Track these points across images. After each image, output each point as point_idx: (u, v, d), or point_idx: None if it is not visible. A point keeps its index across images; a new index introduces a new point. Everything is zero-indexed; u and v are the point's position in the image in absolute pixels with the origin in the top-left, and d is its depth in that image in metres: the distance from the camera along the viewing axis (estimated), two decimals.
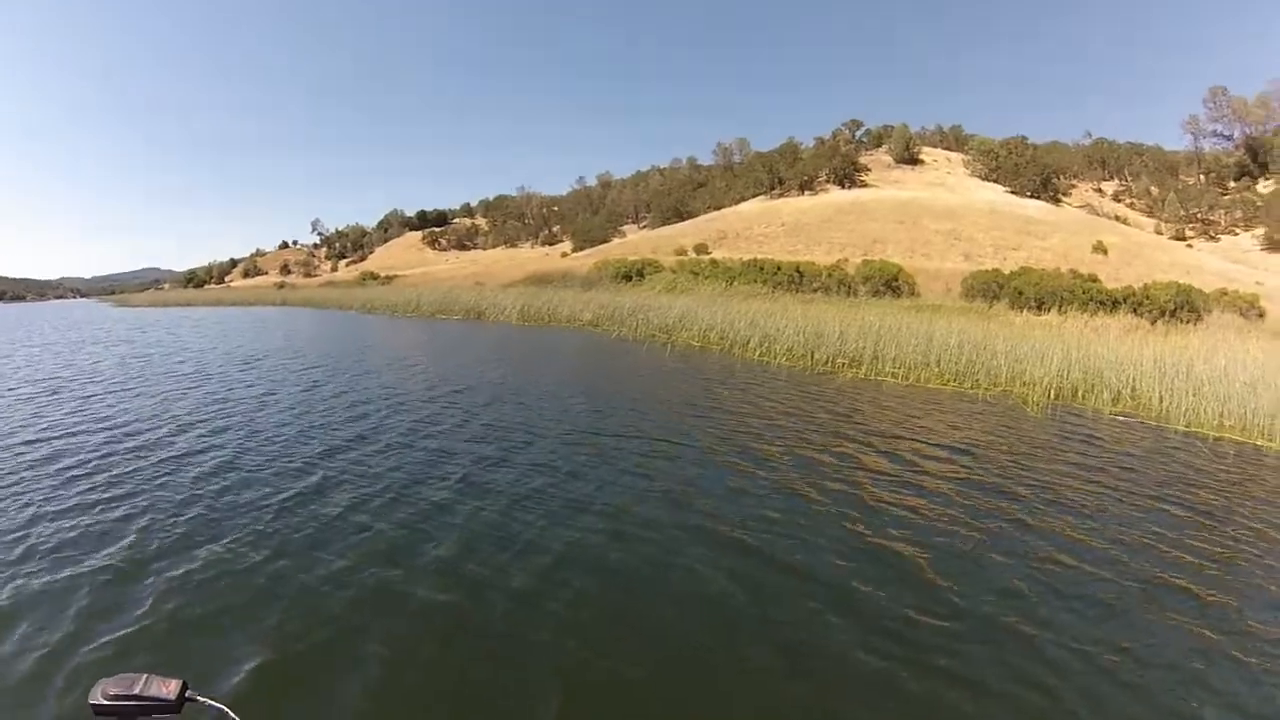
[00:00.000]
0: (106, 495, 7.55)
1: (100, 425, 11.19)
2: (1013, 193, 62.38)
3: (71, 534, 6.31)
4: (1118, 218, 62.12)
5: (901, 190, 60.40)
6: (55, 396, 14.08)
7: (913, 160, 77.49)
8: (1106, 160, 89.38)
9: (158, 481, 8.04)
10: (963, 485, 7.69)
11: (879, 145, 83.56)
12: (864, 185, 67.23)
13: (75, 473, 8.37)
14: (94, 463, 8.91)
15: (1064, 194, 73.35)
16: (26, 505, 7.23)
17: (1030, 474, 8.19)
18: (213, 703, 1.51)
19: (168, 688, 1.45)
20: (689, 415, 11.18)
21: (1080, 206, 66.92)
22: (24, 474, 8.45)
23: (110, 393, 14.31)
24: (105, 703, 1.43)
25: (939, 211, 49.45)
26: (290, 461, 8.86)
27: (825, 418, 11.10)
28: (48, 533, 6.38)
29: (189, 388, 14.79)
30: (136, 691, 1.43)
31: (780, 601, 5.11)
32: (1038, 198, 62.12)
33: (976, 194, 59.03)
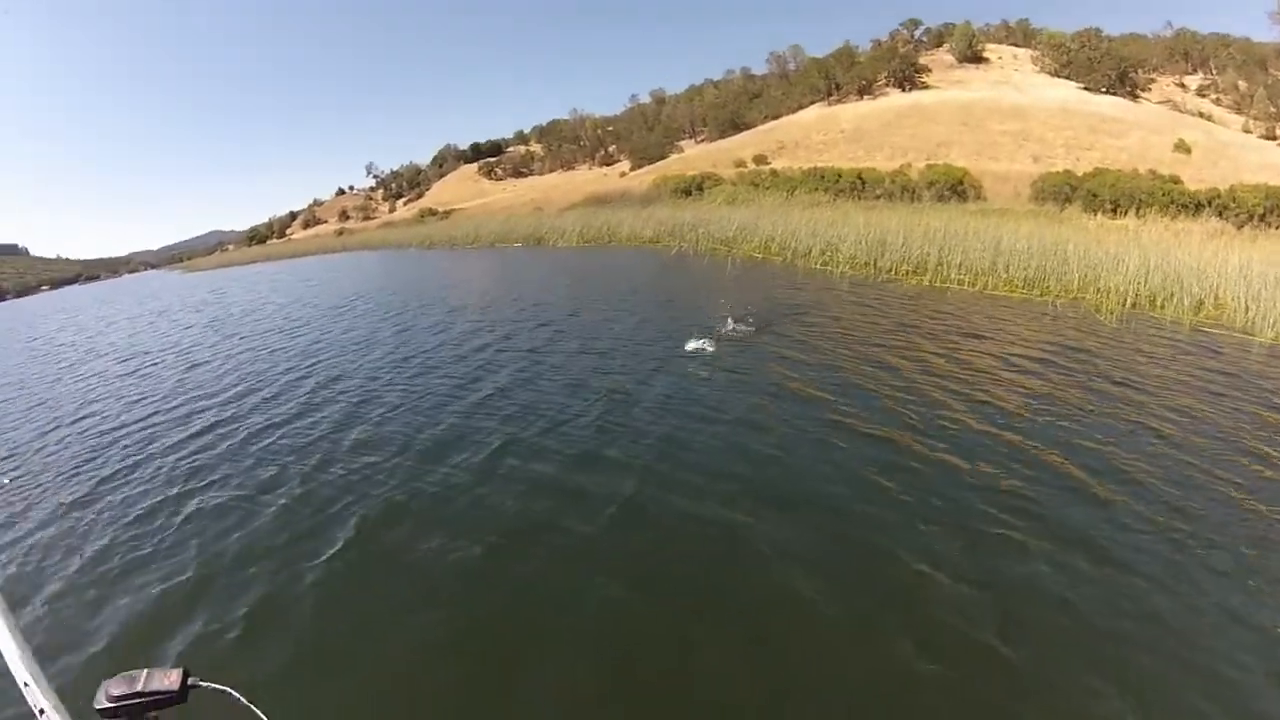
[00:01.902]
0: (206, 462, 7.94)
1: (211, 391, 11.62)
2: (1086, 89, 58.24)
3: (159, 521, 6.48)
4: (1202, 114, 57.91)
5: (965, 91, 56.91)
6: (156, 366, 14.81)
7: (976, 59, 72.27)
8: (1190, 53, 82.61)
9: (249, 445, 8.37)
10: (1030, 393, 7.55)
11: (940, 45, 78.00)
12: (925, 87, 63.44)
13: (188, 446, 8.64)
14: (206, 428, 9.29)
15: (1142, 89, 68.24)
16: (152, 480, 7.55)
17: (1102, 383, 7.94)
18: (216, 686, 1.50)
19: (169, 679, 1.43)
20: (756, 329, 11.10)
21: (1160, 103, 62.57)
22: (141, 447, 8.84)
23: (204, 361, 14.72)
24: (109, 705, 1.41)
25: (1005, 111, 46.75)
26: (367, 404, 9.31)
27: (890, 325, 10.95)
28: (187, 508, 6.64)
29: (274, 346, 15.26)
30: (139, 688, 1.41)
31: (864, 502, 5.31)
32: (1113, 94, 58.08)
33: (1046, 92, 55.46)
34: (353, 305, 20.21)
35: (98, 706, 1.40)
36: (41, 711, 1.26)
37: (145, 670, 1.43)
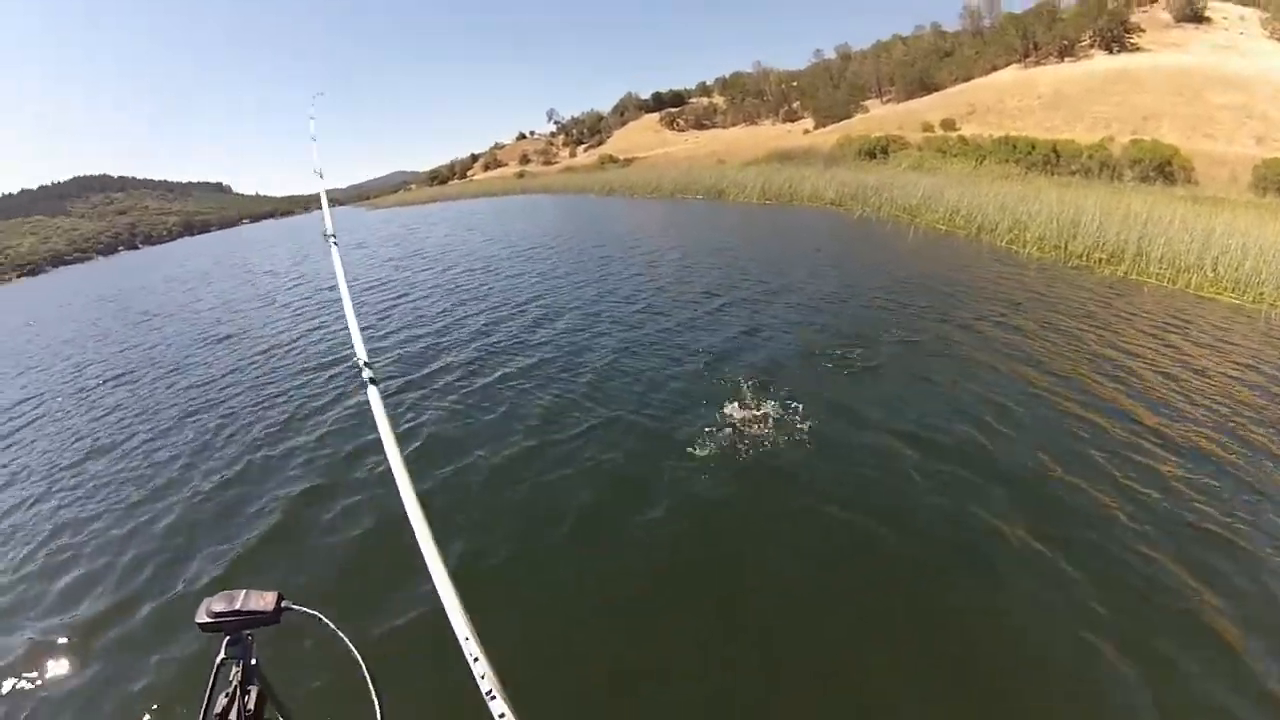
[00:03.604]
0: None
1: (421, 325, 12.58)
2: None
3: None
4: None
5: (1181, 55, 49.78)
6: (365, 295, 16.24)
7: (1197, 18, 61.53)
8: None
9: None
10: (1226, 425, 6.40)
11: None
12: (1136, 49, 56.12)
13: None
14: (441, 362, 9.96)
15: None
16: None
17: None
18: (308, 611, 1.56)
19: (265, 600, 1.49)
20: (929, 311, 10.63)
21: None
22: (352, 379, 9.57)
23: (409, 295, 16.00)
24: (209, 620, 1.46)
25: (1227, 81, 40.67)
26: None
27: (1094, 315, 10.10)
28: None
29: (481, 282, 16.49)
30: (237, 606, 1.47)
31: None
32: None
33: (1277, 60, 48.20)
34: (548, 246, 21.62)
35: (199, 621, 1.47)
36: (476, 659, 1.30)
37: (244, 591, 1.50)
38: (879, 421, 6.55)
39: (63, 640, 4.72)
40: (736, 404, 6.87)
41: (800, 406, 6.77)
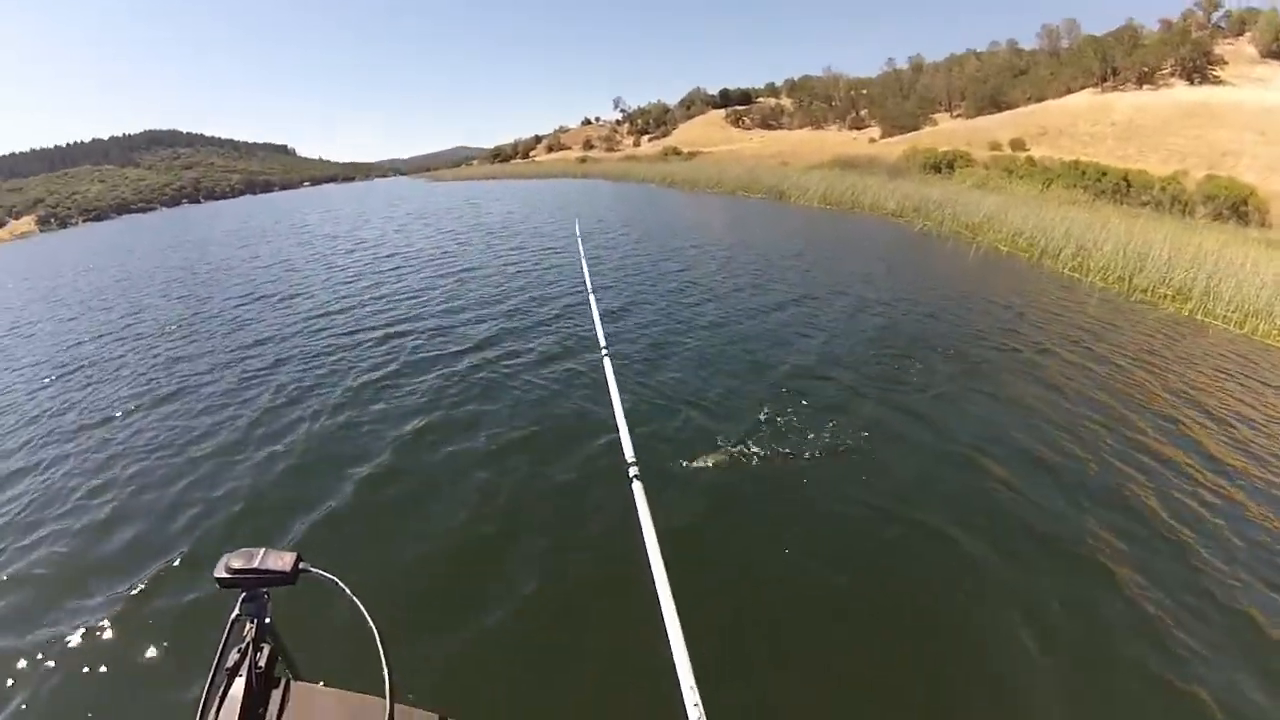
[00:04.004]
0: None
1: (486, 303, 12.89)
2: None
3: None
4: None
5: (1266, 91, 47.35)
6: (429, 264, 17.24)
7: None
8: None
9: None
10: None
11: (1241, 33, 63.27)
12: (1218, 82, 53.69)
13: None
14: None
15: None
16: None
17: None
18: (324, 574, 1.55)
19: (283, 560, 1.48)
20: (997, 333, 10.44)
21: None
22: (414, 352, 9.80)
23: (475, 268, 16.65)
24: (227, 575, 1.46)
25: None
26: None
27: (1145, 356, 9.65)
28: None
29: (550, 263, 16.91)
30: (256, 565, 1.46)
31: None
32: None
33: None
34: (619, 232, 22.04)
35: (217, 575, 1.47)
36: (695, 705, 1.32)
37: (263, 549, 1.49)
38: (946, 436, 6.56)
39: (96, 597, 4.81)
40: (800, 407, 7.01)
41: (867, 417, 6.89)
